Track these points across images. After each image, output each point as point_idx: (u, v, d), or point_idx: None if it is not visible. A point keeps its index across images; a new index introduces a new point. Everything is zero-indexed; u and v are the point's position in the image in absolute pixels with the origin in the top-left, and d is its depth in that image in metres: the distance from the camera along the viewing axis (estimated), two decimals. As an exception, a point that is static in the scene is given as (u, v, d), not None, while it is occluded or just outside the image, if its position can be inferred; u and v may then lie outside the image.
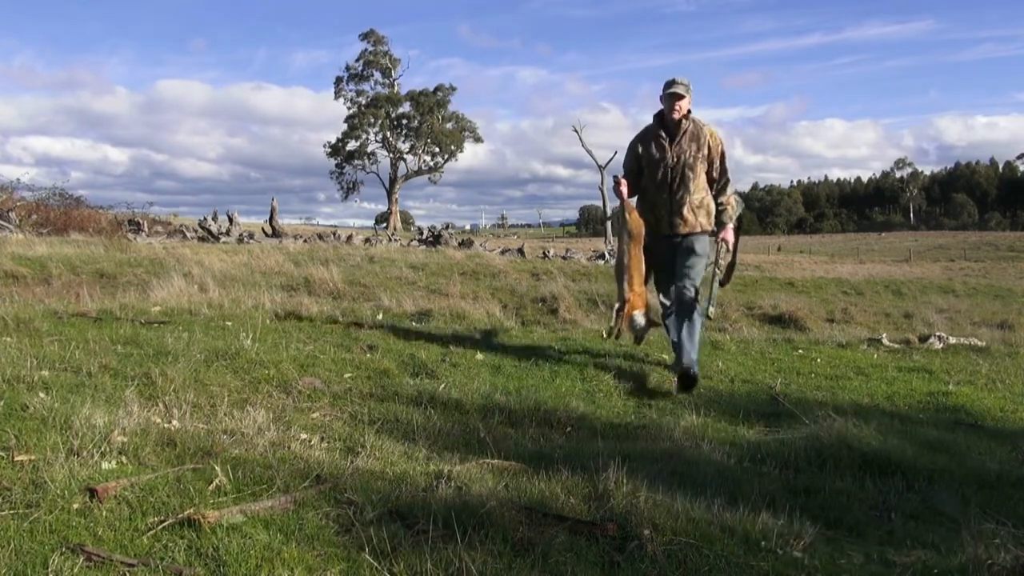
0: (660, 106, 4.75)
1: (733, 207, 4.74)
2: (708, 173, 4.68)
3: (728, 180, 4.72)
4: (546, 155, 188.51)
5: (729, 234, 4.76)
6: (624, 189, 4.67)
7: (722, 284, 4.87)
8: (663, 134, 4.67)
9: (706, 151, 4.66)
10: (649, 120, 4.85)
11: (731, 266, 4.91)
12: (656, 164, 4.65)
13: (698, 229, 4.66)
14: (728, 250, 4.80)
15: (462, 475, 2.52)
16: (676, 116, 4.60)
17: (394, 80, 64.61)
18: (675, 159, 4.61)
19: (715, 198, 4.72)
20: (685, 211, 4.62)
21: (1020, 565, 1.89)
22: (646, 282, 4.75)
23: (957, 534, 2.09)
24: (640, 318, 4.64)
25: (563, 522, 2.10)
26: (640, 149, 4.74)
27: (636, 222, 4.60)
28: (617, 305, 4.67)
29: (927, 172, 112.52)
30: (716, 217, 4.71)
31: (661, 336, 6.76)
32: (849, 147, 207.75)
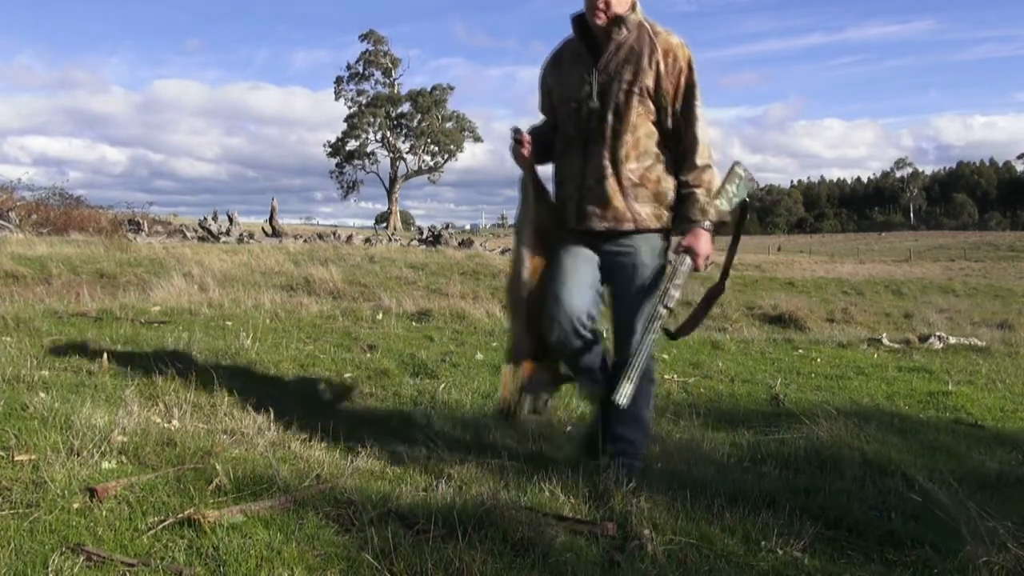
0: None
1: (712, 191, 2.57)
2: (660, 123, 2.57)
3: (699, 138, 2.56)
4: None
5: (701, 242, 2.53)
6: (526, 150, 2.63)
7: (673, 336, 2.75)
8: (583, 52, 2.63)
9: (652, 80, 2.54)
10: None
11: (707, 301, 2.80)
12: (566, 104, 2.64)
13: (630, 224, 2.56)
14: (681, 272, 2.54)
15: (462, 475, 2.52)
16: (600, 20, 2.55)
17: (394, 80, 64.66)
18: (595, 95, 2.57)
19: (677, 173, 2.60)
20: (609, 189, 2.53)
21: (1020, 565, 1.89)
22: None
23: (957, 534, 2.09)
24: (542, 376, 2.72)
25: (563, 522, 2.10)
26: (551, 80, 2.74)
27: (540, 206, 2.67)
28: (509, 365, 2.68)
29: (927, 172, 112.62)
30: (677, 208, 2.59)
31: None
32: (848, 147, 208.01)
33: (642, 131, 2.56)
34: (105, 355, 4.04)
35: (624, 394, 2.41)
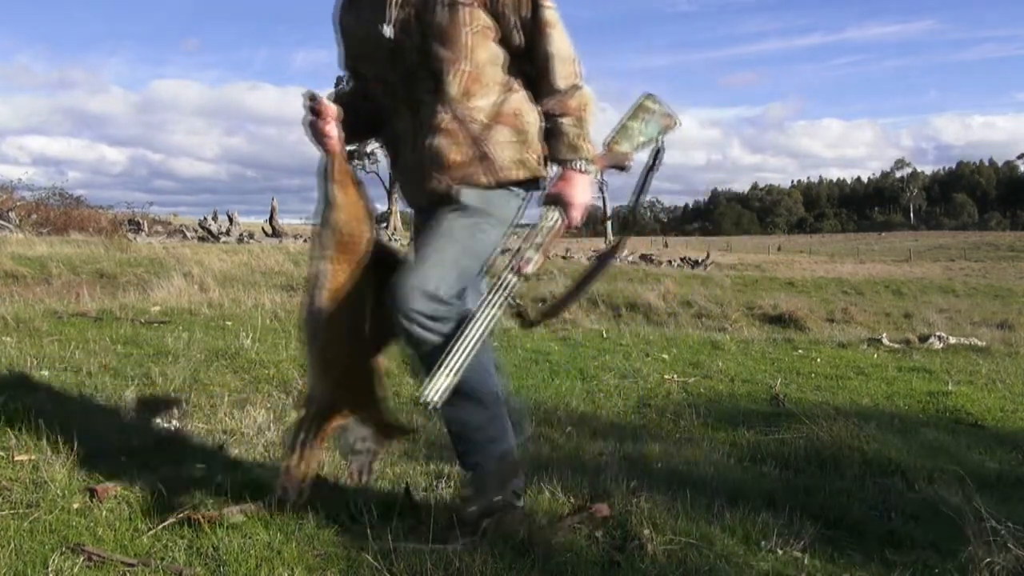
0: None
1: (585, 119, 1.95)
2: (508, 41, 1.96)
3: (555, 52, 1.93)
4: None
5: (573, 188, 1.93)
6: (329, 123, 1.94)
7: (529, 323, 2.11)
8: None
9: None
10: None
11: (584, 280, 2.12)
12: (373, 43, 1.96)
13: (488, 176, 1.93)
14: (545, 229, 1.93)
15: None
16: None
17: (394, 80, 64.64)
18: (404, 23, 1.92)
19: (543, 101, 1.97)
20: (452, 137, 1.92)
21: (1020, 565, 1.89)
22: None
23: (957, 534, 2.09)
24: (359, 432, 2.04)
25: (563, 521, 2.11)
26: (348, 18, 2.05)
27: (351, 205, 1.92)
28: (301, 410, 2.04)
29: (926, 172, 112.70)
30: (550, 146, 1.97)
31: (657, 331, 6.79)
32: (847, 147, 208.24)
33: (483, 55, 1.91)
34: (105, 355, 4.04)
35: (436, 390, 1.78)
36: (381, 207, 75.73)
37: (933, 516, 2.34)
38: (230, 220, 23.14)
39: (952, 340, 7.06)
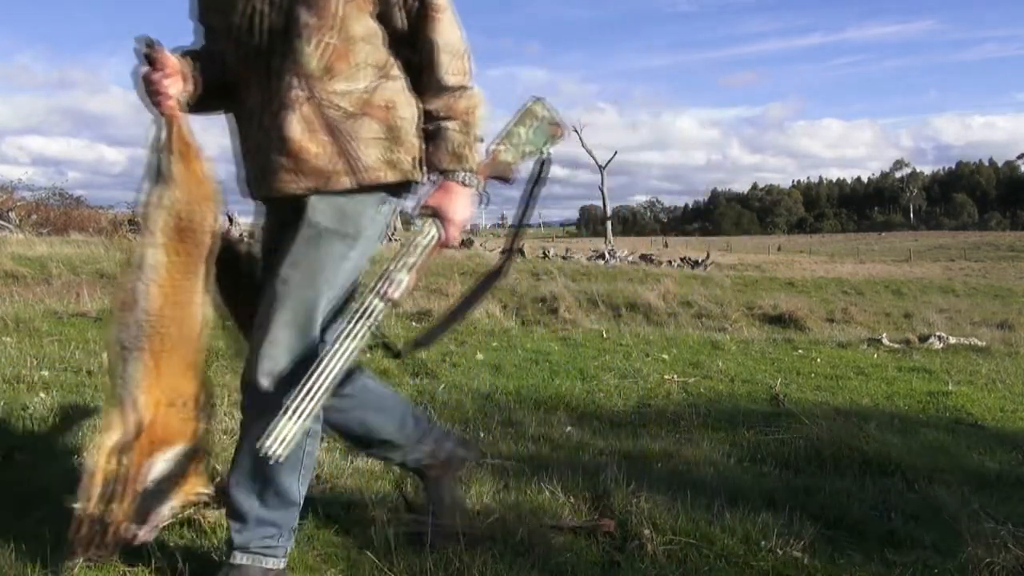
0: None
1: (473, 123, 1.67)
2: (388, 19, 1.63)
3: (443, 43, 1.64)
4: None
5: (453, 201, 1.65)
6: (168, 76, 1.59)
7: (396, 354, 1.87)
8: None
9: None
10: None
11: (464, 304, 1.90)
12: (223, 5, 1.62)
13: (348, 179, 1.59)
14: (418, 246, 1.64)
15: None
16: None
17: (394, 80, 64.64)
18: None
19: (426, 99, 1.67)
20: (305, 123, 1.57)
21: (1020, 565, 1.89)
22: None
23: (957, 534, 2.09)
24: (166, 470, 1.58)
25: (562, 530, 2.11)
26: None
27: (193, 184, 1.58)
28: (111, 437, 1.53)
29: (926, 172, 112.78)
30: (430, 152, 1.67)
31: (657, 331, 6.80)
32: (847, 147, 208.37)
33: (356, 29, 1.57)
34: (105, 355, 4.04)
35: (279, 438, 1.47)
36: (381, 207, 75.63)
37: (933, 516, 2.34)
38: (230, 220, 23.11)
39: (952, 340, 7.06)
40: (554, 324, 8.50)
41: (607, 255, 24.28)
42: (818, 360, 5.79)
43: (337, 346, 1.54)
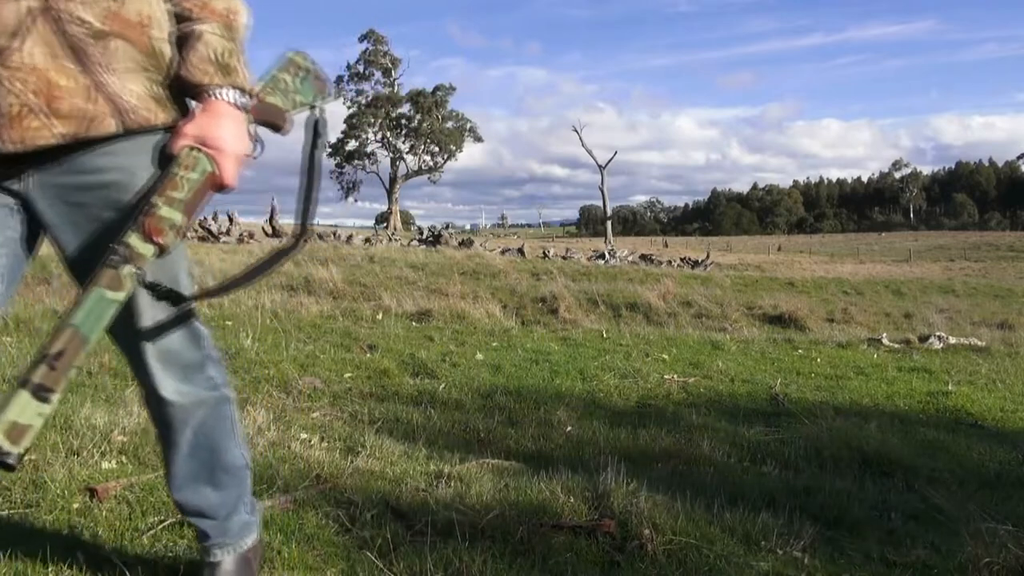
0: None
1: (237, 28, 1.29)
2: None
3: None
4: (543, 155, 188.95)
5: (219, 125, 1.22)
6: None
7: (177, 299, 1.30)
8: None
9: None
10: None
11: (270, 260, 1.38)
12: None
13: (110, 122, 1.19)
14: (179, 179, 1.20)
15: (462, 475, 2.52)
16: None
17: (394, 80, 64.66)
18: None
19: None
20: (43, 49, 1.13)
21: (1020, 565, 1.89)
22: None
23: (957, 534, 2.09)
24: None
25: (561, 530, 2.11)
26: None
27: None
28: None
29: (926, 172, 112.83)
30: (185, 66, 1.24)
31: (657, 331, 6.82)
32: (846, 147, 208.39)
33: None
34: (105, 355, 4.04)
35: (16, 422, 1.12)
36: (380, 207, 75.88)
37: (933, 516, 2.34)
38: (230, 220, 23.14)
39: (952, 340, 7.07)
40: (554, 324, 8.51)
41: (607, 255, 24.27)
42: (818, 360, 5.79)
43: (87, 301, 1.16)
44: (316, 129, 1.40)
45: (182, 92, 1.28)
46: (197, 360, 1.39)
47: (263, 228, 25.70)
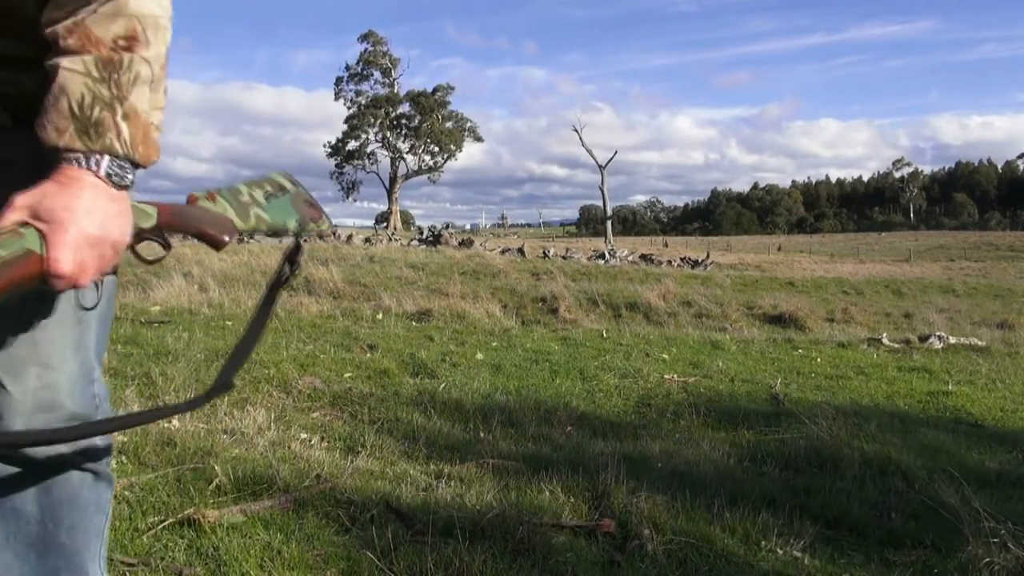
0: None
1: (133, 70, 0.87)
2: None
3: None
4: (542, 155, 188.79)
5: (74, 202, 0.83)
6: None
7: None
8: None
9: None
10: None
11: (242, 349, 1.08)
12: None
13: None
14: (10, 256, 0.79)
15: (462, 475, 2.52)
16: None
17: (394, 80, 64.65)
18: None
19: (46, 15, 0.83)
20: None
21: (1020, 565, 1.89)
22: None
23: (957, 534, 2.08)
24: None
25: (562, 529, 2.11)
26: None
27: None
28: None
29: (925, 172, 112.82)
30: (42, 118, 0.83)
31: (657, 331, 6.82)
32: (845, 147, 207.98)
33: None
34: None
35: None
36: (380, 207, 75.80)
37: (933, 516, 2.34)
38: (230, 220, 23.13)
39: (952, 340, 7.07)
40: (554, 324, 8.50)
41: (607, 255, 24.27)
42: (818, 360, 5.78)
43: None
44: (290, 258, 1.11)
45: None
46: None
47: (263, 228, 25.67)
